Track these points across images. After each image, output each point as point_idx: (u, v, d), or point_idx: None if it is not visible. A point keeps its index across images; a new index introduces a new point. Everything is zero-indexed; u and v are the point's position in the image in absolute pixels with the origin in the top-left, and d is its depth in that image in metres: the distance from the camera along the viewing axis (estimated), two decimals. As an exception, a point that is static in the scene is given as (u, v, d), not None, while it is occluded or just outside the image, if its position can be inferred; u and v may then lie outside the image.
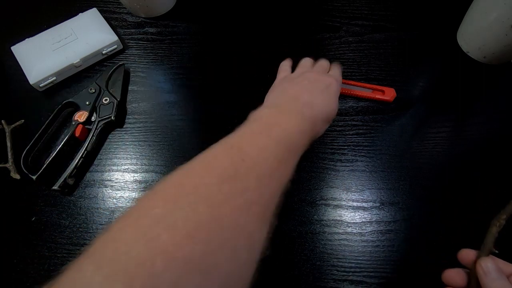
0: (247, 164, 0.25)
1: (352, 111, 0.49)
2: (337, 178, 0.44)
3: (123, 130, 0.48)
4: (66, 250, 0.40)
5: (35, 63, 0.49)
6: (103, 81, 0.49)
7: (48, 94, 0.50)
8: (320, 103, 0.36)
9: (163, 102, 0.50)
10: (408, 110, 0.49)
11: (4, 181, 0.44)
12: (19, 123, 0.47)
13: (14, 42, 0.51)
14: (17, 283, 0.38)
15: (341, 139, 0.47)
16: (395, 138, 0.47)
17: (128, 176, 0.45)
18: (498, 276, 0.28)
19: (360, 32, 0.56)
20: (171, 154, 0.46)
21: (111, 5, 0.58)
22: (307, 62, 0.45)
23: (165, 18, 0.57)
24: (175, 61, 0.53)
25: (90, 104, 0.47)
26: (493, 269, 0.28)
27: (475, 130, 0.48)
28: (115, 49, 0.53)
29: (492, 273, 0.28)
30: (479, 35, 0.50)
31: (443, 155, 0.46)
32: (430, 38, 0.55)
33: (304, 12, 0.58)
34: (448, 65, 0.53)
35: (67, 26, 0.53)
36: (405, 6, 0.58)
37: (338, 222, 0.42)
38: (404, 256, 0.40)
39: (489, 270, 0.28)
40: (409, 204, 0.43)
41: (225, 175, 0.24)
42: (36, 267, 0.39)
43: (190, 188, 0.22)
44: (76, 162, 0.43)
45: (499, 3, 0.44)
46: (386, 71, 0.52)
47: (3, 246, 0.40)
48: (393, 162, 0.45)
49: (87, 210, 0.42)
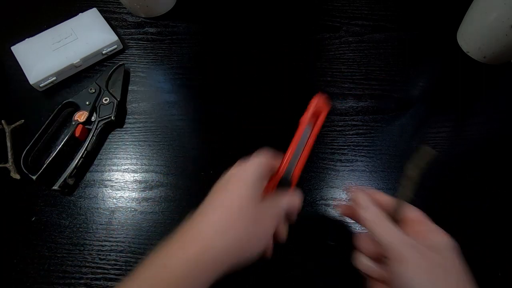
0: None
1: (352, 111, 0.49)
2: (337, 178, 0.44)
3: (123, 130, 0.48)
4: (66, 250, 0.40)
5: (35, 63, 0.49)
6: (103, 81, 0.49)
7: (48, 94, 0.50)
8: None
9: (163, 102, 0.50)
10: (408, 110, 0.49)
11: (4, 181, 0.44)
12: (19, 123, 0.47)
13: (14, 42, 0.51)
14: (17, 283, 0.38)
15: (341, 139, 0.47)
16: (395, 138, 0.47)
17: (128, 176, 0.45)
18: (370, 205, 0.30)
19: (360, 32, 0.56)
20: (171, 154, 0.46)
21: (111, 5, 0.58)
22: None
23: (165, 18, 0.57)
24: (175, 61, 0.53)
25: (90, 104, 0.47)
26: (364, 199, 0.30)
27: (475, 130, 0.48)
28: (115, 49, 0.53)
29: (363, 203, 0.30)
30: (479, 35, 0.50)
31: (443, 155, 0.46)
32: (430, 38, 0.55)
33: (304, 12, 0.58)
34: (448, 65, 0.53)
35: (67, 26, 0.53)
36: (405, 6, 0.58)
37: (338, 222, 0.42)
38: (404, 256, 0.40)
39: (360, 201, 0.30)
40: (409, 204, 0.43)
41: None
42: (36, 267, 0.39)
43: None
44: (76, 162, 0.43)
45: (499, 3, 0.44)
46: (386, 71, 0.52)
47: (3, 246, 0.40)
48: (393, 162, 0.45)
49: (87, 210, 0.42)
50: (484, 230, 0.41)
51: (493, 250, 0.40)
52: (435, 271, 0.25)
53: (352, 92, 0.50)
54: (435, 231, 0.29)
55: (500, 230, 0.41)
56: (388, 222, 0.28)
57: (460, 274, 0.26)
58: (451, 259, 0.26)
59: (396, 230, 0.28)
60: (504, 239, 0.41)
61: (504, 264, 0.39)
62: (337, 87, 0.51)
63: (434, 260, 0.26)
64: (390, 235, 0.27)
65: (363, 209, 0.30)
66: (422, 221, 0.30)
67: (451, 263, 0.26)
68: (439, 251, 0.27)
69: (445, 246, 0.27)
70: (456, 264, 0.26)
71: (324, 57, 0.53)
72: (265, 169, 0.31)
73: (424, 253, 0.26)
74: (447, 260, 0.26)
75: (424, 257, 0.26)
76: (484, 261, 0.39)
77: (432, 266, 0.25)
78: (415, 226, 0.29)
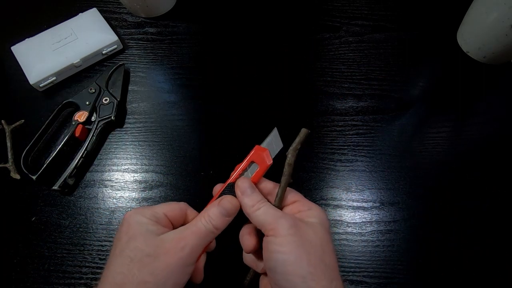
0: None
1: (352, 111, 0.49)
2: (337, 178, 0.44)
3: (123, 130, 0.48)
4: (66, 250, 0.40)
5: (35, 63, 0.49)
6: (103, 81, 0.49)
7: (48, 94, 0.50)
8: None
9: (163, 102, 0.50)
10: (408, 110, 0.49)
11: (4, 181, 0.44)
12: (19, 123, 0.47)
13: (14, 42, 0.51)
14: (17, 283, 0.38)
15: (341, 139, 0.47)
16: (395, 138, 0.47)
17: (128, 176, 0.45)
18: (251, 191, 0.30)
19: (360, 32, 0.56)
20: (171, 154, 0.46)
21: (111, 5, 0.58)
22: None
23: (165, 18, 0.57)
24: (175, 61, 0.53)
25: (90, 104, 0.47)
26: (246, 186, 0.30)
27: (475, 130, 0.48)
28: (115, 49, 0.53)
29: (246, 190, 0.30)
30: (479, 35, 0.50)
31: (443, 155, 0.46)
32: (430, 38, 0.55)
33: (304, 12, 0.58)
34: (448, 65, 0.53)
35: (67, 26, 0.53)
36: (405, 6, 0.58)
37: (338, 222, 0.42)
38: (404, 256, 0.40)
39: (242, 187, 0.30)
40: (409, 204, 0.43)
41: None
42: (36, 267, 0.39)
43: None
44: (76, 162, 0.43)
45: (499, 3, 0.44)
46: (386, 71, 0.52)
47: (3, 246, 0.40)
48: (393, 162, 0.45)
49: (87, 210, 0.42)
50: (484, 230, 0.41)
51: (493, 250, 0.40)
52: (303, 246, 0.26)
53: (352, 92, 0.50)
54: (311, 208, 0.30)
55: (500, 230, 0.41)
56: (266, 204, 0.29)
57: (325, 250, 0.27)
58: (321, 234, 0.28)
59: (274, 210, 0.29)
60: (504, 239, 0.41)
61: (504, 264, 0.39)
62: (337, 87, 0.51)
63: (304, 235, 0.27)
64: (267, 214, 0.28)
65: (243, 194, 0.30)
66: (299, 200, 0.31)
67: (320, 238, 0.28)
68: (312, 225, 0.28)
69: (319, 221, 0.29)
70: (324, 239, 0.28)
71: (324, 57, 0.53)
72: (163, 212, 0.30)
73: (296, 226, 0.27)
74: (317, 235, 0.28)
75: (295, 231, 0.27)
76: (484, 261, 0.39)
77: (301, 241, 0.27)
78: (294, 207, 0.31)
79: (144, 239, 0.27)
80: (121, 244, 0.28)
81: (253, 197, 0.30)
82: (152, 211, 0.29)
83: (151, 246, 0.27)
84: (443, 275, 0.39)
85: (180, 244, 0.27)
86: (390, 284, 0.38)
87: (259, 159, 0.32)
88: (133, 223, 0.28)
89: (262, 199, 0.30)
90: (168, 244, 0.27)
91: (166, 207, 0.30)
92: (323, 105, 0.49)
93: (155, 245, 0.27)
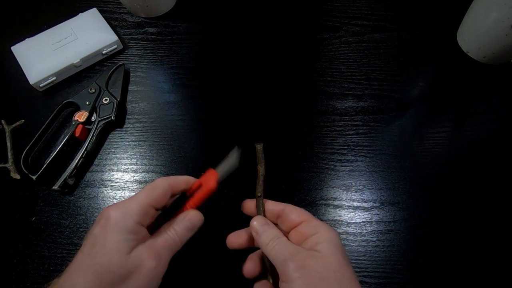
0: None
1: (352, 111, 0.49)
2: (337, 178, 0.44)
3: (123, 130, 0.48)
4: (66, 250, 0.40)
5: (35, 63, 0.49)
6: (103, 81, 0.49)
7: (48, 94, 0.50)
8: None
9: (163, 102, 0.50)
10: (408, 110, 0.49)
11: (4, 181, 0.44)
12: (19, 123, 0.47)
13: (14, 42, 0.51)
14: (17, 283, 0.38)
15: (341, 139, 0.47)
16: (395, 138, 0.47)
17: (128, 176, 0.45)
18: (266, 228, 0.31)
19: (360, 32, 0.56)
20: (171, 154, 0.46)
21: (111, 5, 0.58)
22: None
23: (165, 18, 0.57)
24: (175, 61, 0.53)
25: (90, 104, 0.47)
26: (260, 224, 0.31)
27: (475, 130, 0.48)
28: (115, 49, 0.53)
29: (259, 228, 0.31)
30: (479, 35, 0.50)
31: (443, 155, 0.46)
32: (430, 38, 0.55)
33: (304, 12, 0.58)
34: (448, 65, 0.53)
35: (67, 26, 0.53)
36: (405, 6, 0.58)
37: (338, 222, 0.42)
38: (404, 256, 0.40)
39: (256, 227, 0.31)
40: (409, 204, 0.43)
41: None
42: (36, 267, 0.39)
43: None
44: (76, 162, 0.43)
45: (499, 3, 0.44)
46: (386, 71, 0.52)
47: (3, 246, 0.40)
48: (393, 162, 0.45)
49: (87, 210, 0.42)
50: (484, 230, 0.41)
51: (493, 250, 0.40)
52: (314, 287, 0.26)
53: (352, 92, 0.50)
54: (318, 232, 0.29)
55: (500, 230, 0.41)
56: (280, 242, 0.29)
57: (342, 282, 0.26)
58: (333, 264, 0.27)
59: (285, 248, 0.28)
60: (504, 239, 0.41)
61: (504, 264, 0.39)
62: (337, 87, 0.51)
63: (313, 274, 0.26)
64: (278, 254, 0.28)
65: (258, 234, 0.31)
66: (306, 221, 0.31)
67: (332, 270, 0.27)
68: (322, 256, 0.27)
69: (328, 246, 0.28)
70: (337, 268, 0.27)
71: (324, 57, 0.53)
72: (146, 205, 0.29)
73: (303, 268, 0.27)
74: (329, 267, 0.27)
75: (303, 274, 0.26)
76: (484, 261, 0.39)
77: (311, 282, 0.26)
78: (301, 232, 0.30)
79: (119, 258, 0.26)
80: (94, 247, 0.27)
81: (267, 234, 0.30)
82: (136, 217, 0.28)
83: (124, 268, 0.26)
84: (443, 275, 0.39)
85: (153, 263, 0.27)
86: (390, 284, 0.38)
87: (207, 182, 0.33)
88: (112, 226, 0.27)
89: (275, 236, 0.30)
90: (142, 265, 0.27)
91: (150, 198, 0.29)
92: (323, 105, 0.49)
93: (128, 267, 0.26)
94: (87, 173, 0.45)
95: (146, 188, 0.30)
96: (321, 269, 0.27)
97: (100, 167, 0.45)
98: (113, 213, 0.28)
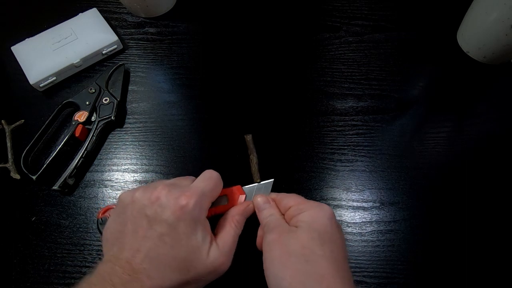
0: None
1: (352, 111, 0.49)
2: (337, 178, 0.44)
3: (123, 130, 0.48)
4: (66, 250, 0.40)
5: (35, 63, 0.49)
6: (103, 81, 0.49)
7: (48, 94, 0.50)
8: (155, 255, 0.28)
9: (163, 102, 0.50)
10: (408, 110, 0.49)
11: (4, 181, 0.44)
12: (19, 123, 0.47)
13: (14, 42, 0.51)
14: (17, 283, 0.38)
15: (341, 139, 0.47)
16: (395, 138, 0.47)
17: (128, 176, 0.45)
18: (266, 206, 0.34)
19: (360, 32, 0.56)
20: (171, 154, 0.46)
21: (111, 5, 0.58)
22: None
23: (165, 18, 0.57)
24: (175, 61, 0.53)
25: (90, 104, 0.47)
26: (262, 202, 0.34)
27: (475, 130, 0.48)
28: (115, 49, 0.53)
29: (261, 206, 0.34)
30: (479, 35, 0.50)
31: (443, 155, 0.46)
32: (430, 38, 0.55)
33: (304, 12, 0.58)
34: (448, 65, 0.53)
35: (67, 26, 0.53)
36: (405, 6, 0.58)
37: (338, 222, 0.42)
38: (404, 256, 0.40)
39: (259, 204, 0.34)
40: (409, 204, 0.43)
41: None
42: (36, 267, 0.39)
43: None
44: (76, 162, 0.43)
45: (499, 3, 0.44)
46: (386, 71, 0.52)
47: (3, 246, 0.40)
48: (393, 162, 0.45)
49: (87, 210, 0.42)
50: (484, 230, 0.41)
51: (493, 250, 0.40)
52: (280, 260, 0.28)
53: (352, 92, 0.50)
54: (302, 211, 0.31)
55: (500, 230, 0.41)
56: (273, 218, 0.32)
57: (310, 258, 0.27)
58: (305, 241, 0.28)
59: (272, 224, 0.31)
60: (504, 239, 0.41)
61: (504, 264, 0.39)
62: (337, 87, 0.51)
63: (283, 248, 0.28)
64: (266, 227, 0.31)
65: (259, 211, 0.34)
66: (298, 203, 0.32)
67: (302, 247, 0.28)
68: (297, 232, 0.29)
69: (307, 225, 0.29)
70: (308, 246, 0.28)
71: (324, 57, 0.53)
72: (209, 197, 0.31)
73: (274, 242, 0.29)
74: (299, 243, 0.28)
75: (272, 247, 0.29)
76: (484, 261, 0.40)
77: (277, 255, 0.28)
78: (291, 209, 0.32)
79: (201, 260, 0.28)
80: (174, 241, 0.28)
81: (267, 211, 0.33)
82: (206, 211, 0.31)
83: (205, 270, 0.28)
84: (443, 275, 0.39)
85: (227, 266, 0.30)
86: (390, 284, 0.39)
87: (232, 196, 0.36)
88: (189, 221, 0.28)
89: (272, 213, 0.33)
90: (218, 269, 0.29)
91: (216, 192, 0.32)
92: (323, 105, 0.49)
93: (208, 269, 0.29)
94: (87, 173, 0.45)
95: (210, 182, 0.32)
96: (291, 243, 0.28)
97: (100, 167, 0.45)
98: (191, 202, 0.29)
